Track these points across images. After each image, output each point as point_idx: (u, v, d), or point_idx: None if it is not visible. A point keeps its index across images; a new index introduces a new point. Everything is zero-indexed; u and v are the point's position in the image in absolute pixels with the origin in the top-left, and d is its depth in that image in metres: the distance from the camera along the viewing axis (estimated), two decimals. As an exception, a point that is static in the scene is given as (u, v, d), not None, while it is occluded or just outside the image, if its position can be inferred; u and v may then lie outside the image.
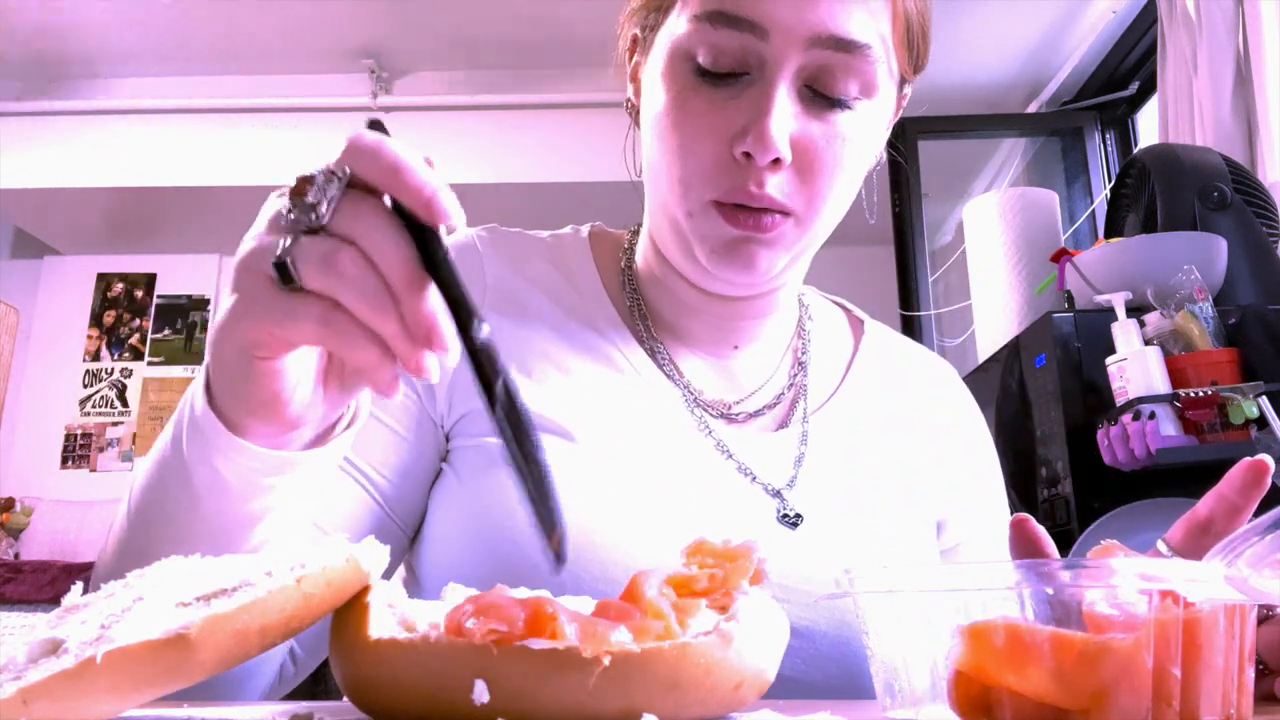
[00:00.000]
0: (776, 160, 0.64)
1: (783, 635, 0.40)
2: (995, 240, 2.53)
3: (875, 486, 0.76)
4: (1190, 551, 0.51)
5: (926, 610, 0.39)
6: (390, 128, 0.43)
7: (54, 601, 0.68)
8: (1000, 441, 0.90)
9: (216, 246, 4.62)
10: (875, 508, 0.75)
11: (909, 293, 3.25)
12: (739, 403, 0.77)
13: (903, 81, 0.73)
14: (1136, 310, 1.86)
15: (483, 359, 0.40)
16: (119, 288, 4.68)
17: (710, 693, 0.35)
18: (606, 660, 0.32)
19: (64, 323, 4.58)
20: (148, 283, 4.69)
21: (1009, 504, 0.88)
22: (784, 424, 0.77)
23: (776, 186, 0.65)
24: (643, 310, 0.78)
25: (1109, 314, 1.87)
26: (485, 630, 0.34)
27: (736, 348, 0.79)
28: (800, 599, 0.66)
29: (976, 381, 2.10)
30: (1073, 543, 1.79)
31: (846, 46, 0.64)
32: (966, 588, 0.38)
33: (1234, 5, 2.41)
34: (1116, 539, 0.47)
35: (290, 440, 0.49)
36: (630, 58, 0.76)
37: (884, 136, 0.73)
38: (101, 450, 4.45)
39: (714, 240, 0.68)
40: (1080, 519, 1.85)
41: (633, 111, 0.77)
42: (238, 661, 0.33)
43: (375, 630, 0.36)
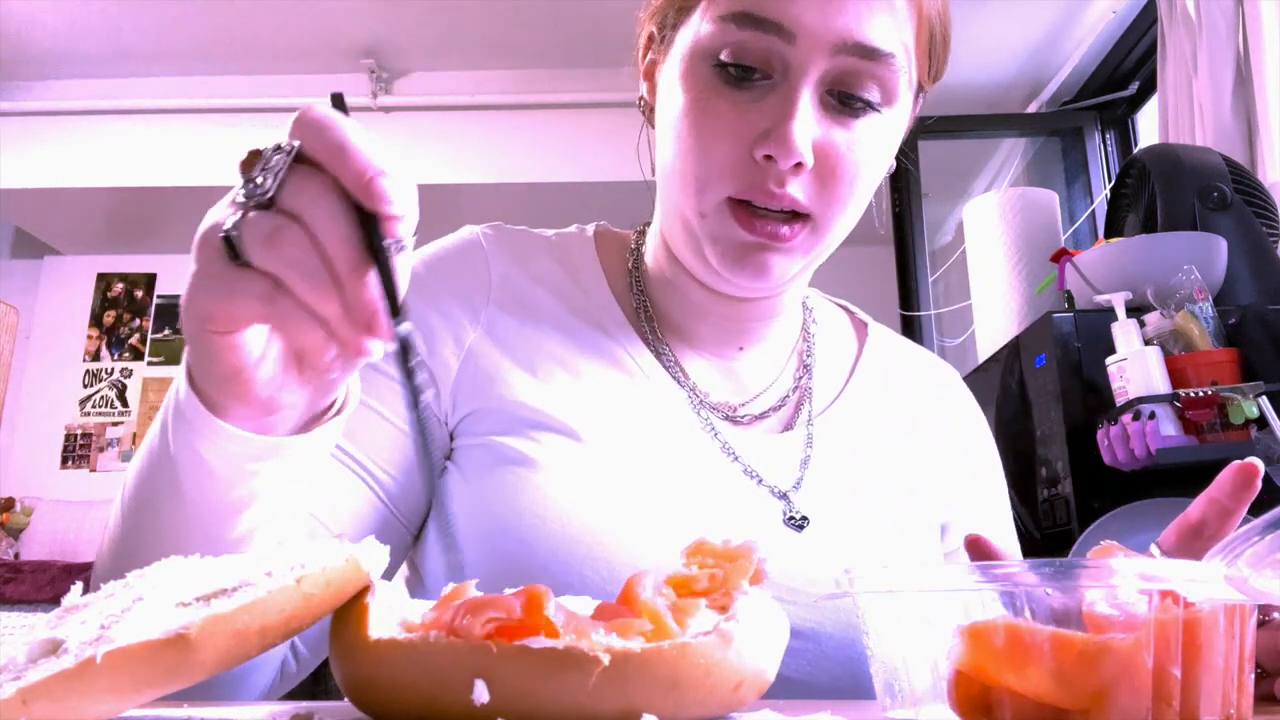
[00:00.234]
0: (798, 164, 0.64)
1: (783, 635, 0.40)
2: (995, 240, 2.53)
3: (880, 489, 0.76)
4: (1183, 555, 0.51)
5: (926, 610, 0.39)
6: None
7: (54, 601, 0.68)
8: (1000, 441, 0.90)
9: (216, 246, 4.61)
10: (880, 510, 0.75)
11: (909, 293, 3.25)
12: (744, 405, 0.77)
13: (919, 89, 0.72)
14: (1136, 310, 1.86)
15: (403, 351, 0.41)
16: (119, 288, 4.68)
17: (710, 693, 0.35)
18: (606, 660, 0.32)
19: (64, 323, 4.58)
20: (148, 283, 4.69)
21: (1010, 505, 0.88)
22: (789, 426, 0.77)
23: (797, 189, 0.65)
24: (649, 311, 0.77)
25: (1109, 314, 1.87)
26: (484, 621, 0.34)
27: (742, 349, 0.79)
28: (806, 601, 0.66)
29: (976, 381, 2.10)
30: (1073, 543, 1.79)
31: (871, 54, 0.64)
32: (966, 588, 0.38)
33: (1234, 5, 2.41)
34: (1116, 539, 0.47)
35: (273, 424, 0.48)
36: (645, 55, 0.76)
37: (899, 143, 0.73)
38: (101, 450, 4.45)
39: (726, 243, 0.68)
40: (1080, 519, 1.85)
41: (647, 110, 0.77)
42: (238, 662, 0.33)
43: (375, 630, 0.36)
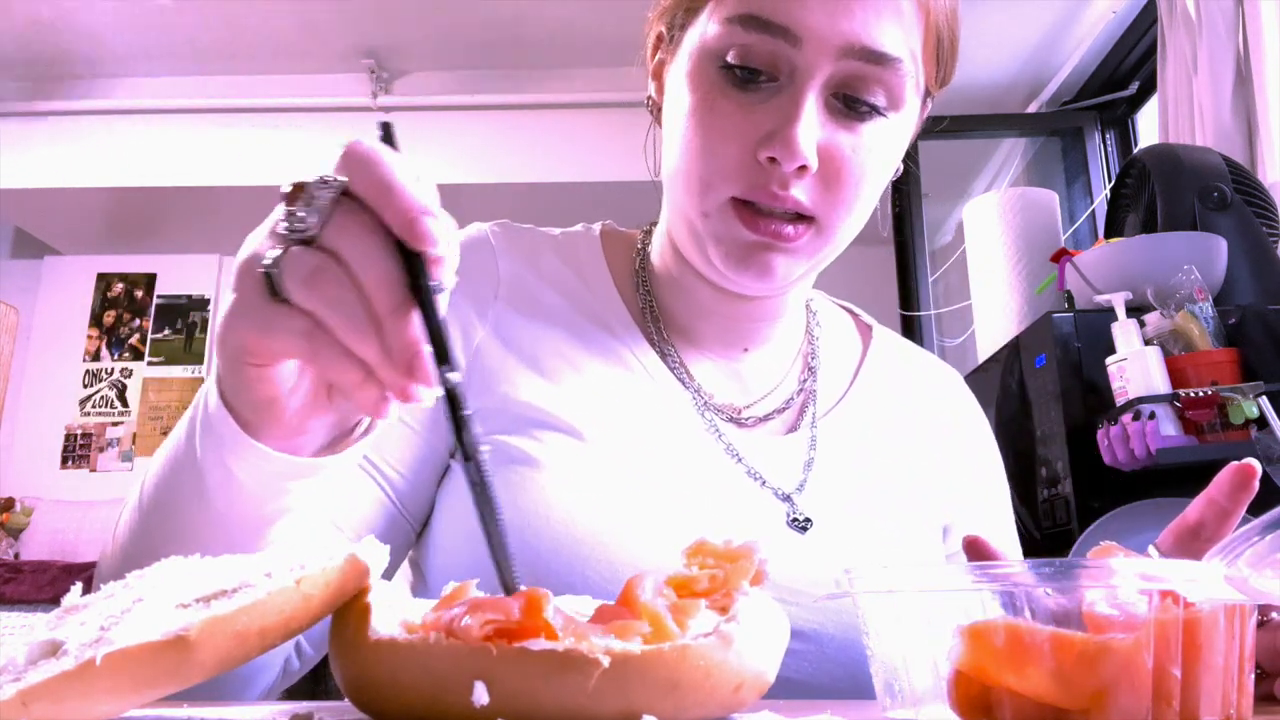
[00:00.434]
0: (802, 167, 0.64)
1: (783, 636, 0.40)
2: (995, 240, 2.53)
3: (883, 491, 0.76)
4: (1181, 556, 0.51)
5: (926, 610, 0.39)
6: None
7: (54, 602, 0.68)
8: (1000, 441, 0.90)
9: (216, 246, 4.62)
10: (883, 512, 0.75)
11: (909, 293, 3.25)
12: (749, 407, 0.77)
13: (927, 94, 0.72)
14: (1136, 310, 1.86)
15: (450, 402, 0.39)
16: (119, 288, 4.68)
17: (710, 694, 0.35)
18: (606, 662, 0.32)
19: (64, 323, 4.58)
20: (148, 283, 4.69)
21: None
22: (793, 428, 0.77)
23: (801, 191, 0.65)
24: (655, 311, 0.77)
25: (1109, 314, 1.86)
26: (483, 623, 0.34)
27: (747, 350, 0.79)
28: (808, 603, 0.66)
29: (976, 381, 2.10)
30: (1073, 543, 1.79)
31: (877, 59, 0.64)
32: (966, 588, 0.38)
33: (1234, 5, 2.41)
34: (1116, 539, 0.47)
35: (301, 445, 0.48)
36: (653, 55, 0.76)
37: (904, 148, 0.73)
38: (101, 450, 4.45)
39: (730, 243, 0.68)
40: (1080, 519, 1.85)
41: (654, 110, 0.77)
42: (237, 663, 0.33)
43: (375, 630, 0.36)
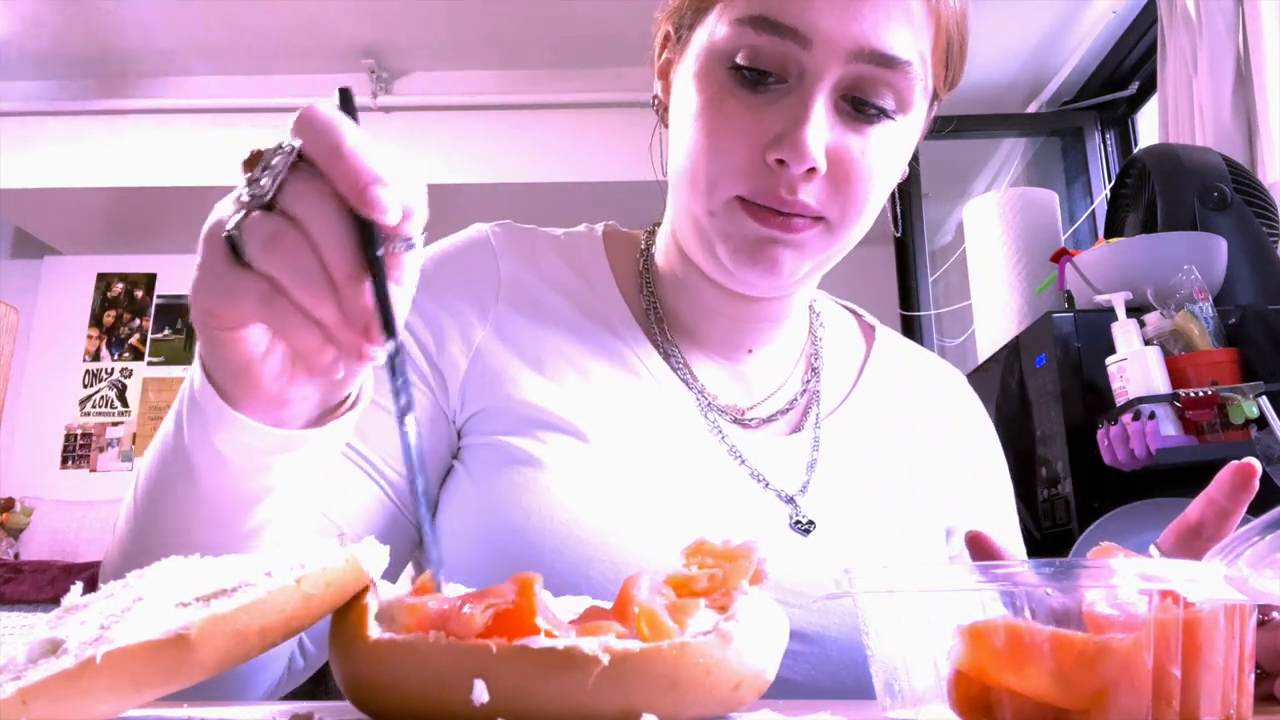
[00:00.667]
0: (811, 170, 0.64)
1: (782, 636, 0.40)
2: (995, 240, 2.53)
3: (886, 492, 0.76)
4: (1182, 556, 0.51)
5: (926, 610, 0.39)
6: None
7: (54, 601, 0.68)
8: (1000, 441, 0.90)
9: (216, 246, 4.61)
10: (887, 514, 0.75)
11: (909, 293, 3.25)
12: (752, 408, 0.77)
13: (934, 97, 0.72)
14: (1136, 310, 1.86)
15: (390, 369, 0.41)
16: (119, 288, 4.68)
17: (709, 693, 0.35)
18: (605, 660, 0.32)
19: (64, 323, 4.59)
20: (148, 283, 4.69)
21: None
22: (797, 429, 0.77)
23: (809, 194, 0.65)
24: (659, 313, 0.77)
25: (1109, 314, 1.87)
26: (484, 608, 0.34)
27: (750, 351, 0.79)
28: (812, 605, 0.66)
29: (976, 381, 2.09)
30: (1073, 543, 1.80)
31: (887, 62, 0.64)
32: (966, 588, 0.38)
33: (1234, 5, 2.41)
34: (1116, 539, 0.47)
35: (286, 418, 0.48)
36: (660, 55, 0.76)
37: (912, 151, 0.73)
38: (101, 450, 4.46)
39: (737, 239, 0.67)
40: (1080, 519, 1.85)
41: (660, 109, 0.77)
42: (237, 662, 0.33)
43: (375, 630, 0.36)
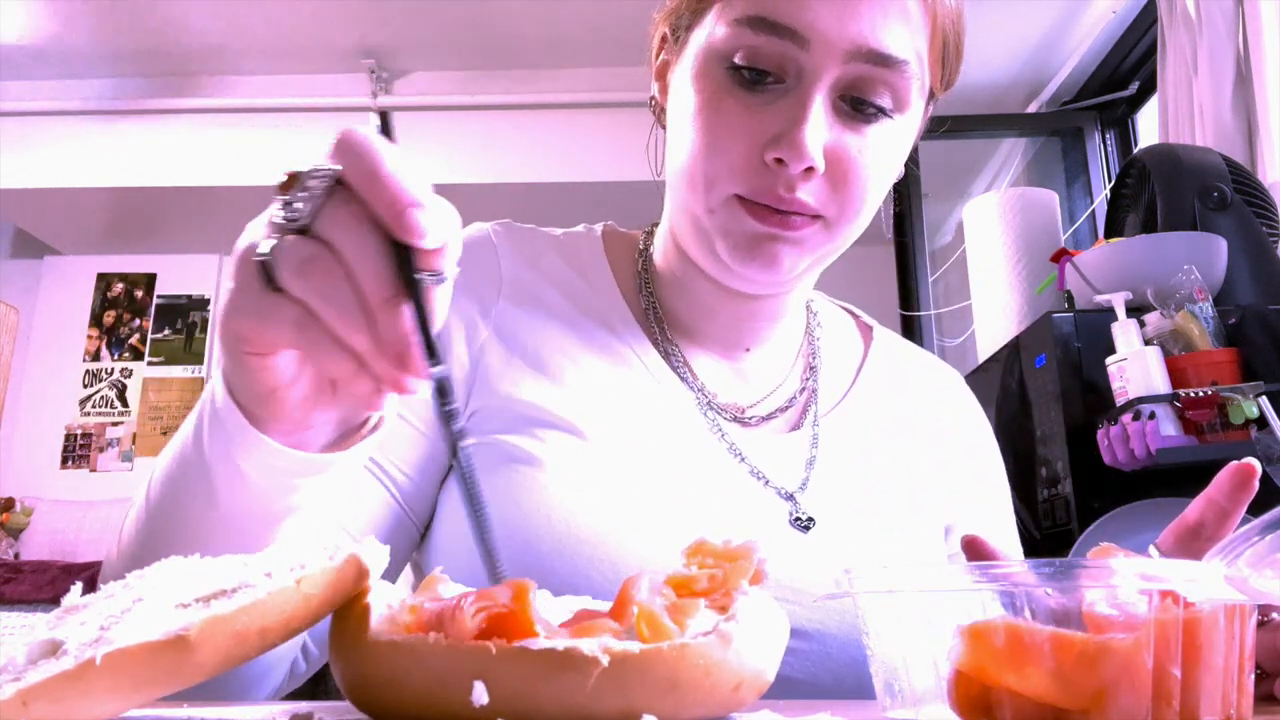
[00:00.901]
0: (809, 169, 0.64)
1: (782, 636, 0.40)
2: (995, 240, 2.53)
3: (885, 490, 0.76)
4: (1181, 556, 0.51)
5: (926, 610, 0.39)
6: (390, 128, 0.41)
7: (54, 601, 0.67)
8: (1000, 441, 0.90)
9: (216, 246, 4.62)
10: (885, 512, 0.75)
11: (909, 293, 3.25)
12: (752, 406, 0.77)
13: (931, 96, 0.73)
14: (1136, 310, 1.86)
15: (440, 395, 0.40)
16: (119, 288, 4.68)
17: (709, 693, 0.35)
18: (605, 661, 0.32)
19: (64, 323, 4.58)
20: (148, 283, 4.69)
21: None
22: (796, 427, 0.78)
23: (808, 192, 0.65)
24: (658, 312, 0.77)
25: (1109, 314, 1.87)
26: (475, 611, 0.34)
27: (748, 349, 0.79)
28: (811, 603, 0.66)
29: (976, 381, 2.10)
30: (1073, 543, 1.80)
31: (885, 61, 0.64)
32: (966, 588, 0.38)
33: (1234, 5, 2.41)
34: (1116, 539, 0.47)
35: (306, 440, 0.48)
36: (657, 55, 0.76)
37: (909, 150, 0.73)
38: (101, 450, 4.45)
39: (737, 235, 0.67)
40: (1080, 519, 1.85)
41: (657, 110, 0.77)
42: (237, 663, 0.33)
43: (375, 630, 0.36)
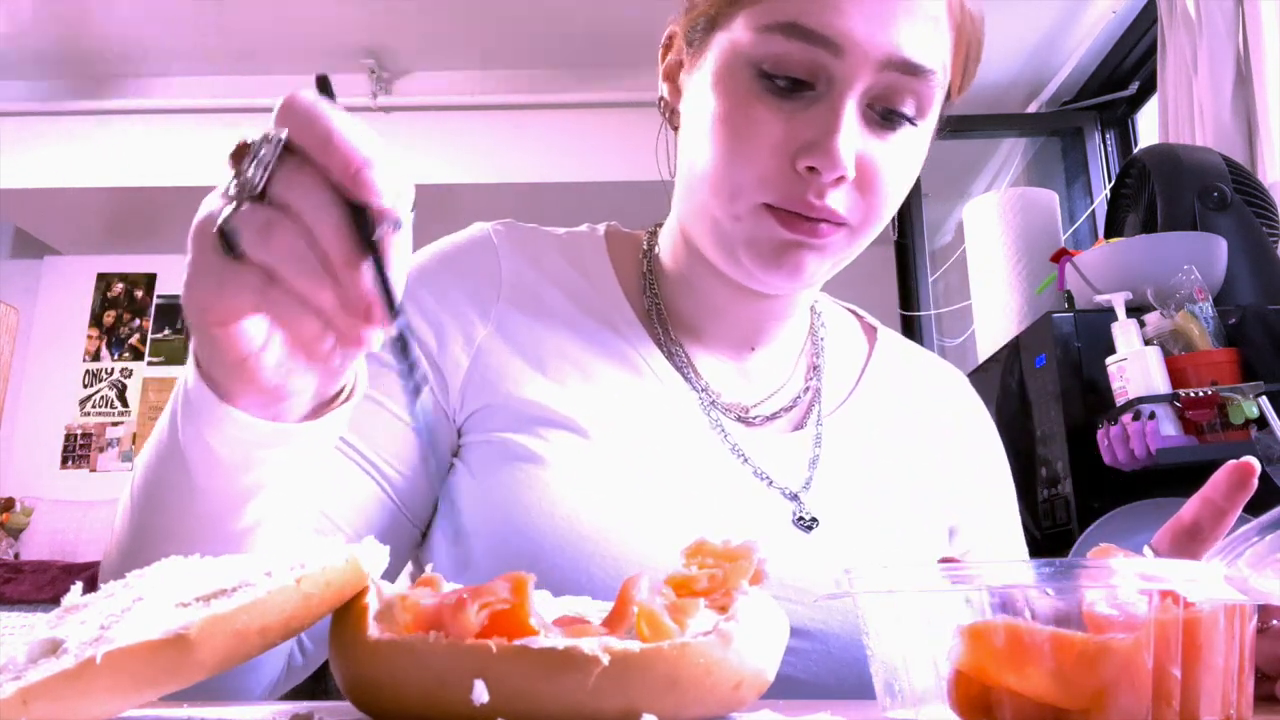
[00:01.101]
0: (840, 177, 0.64)
1: (782, 635, 0.40)
2: (995, 240, 2.53)
3: (889, 490, 0.76)
4: (1177, 557, 0.51)
5: (926, 610, 0.39)
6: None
7: (54, 601, 0.67)
8: (1000, 441, 0.90)
9: (216, 246, 4.61)
10: (889, 511, 0.75)
11: (909, 293, 3.25)
12: (756, 405, 0.77)
13: (945, 100, 0.73)
14: (1136, 310, 1.86)
15: (401, 346, 0.41)
16: (119, 288, 4.68)
17: (710, 692, 0.35)
18: (605, 660, 0.32)
19: (64, 323, 4.58)
20: (148, 283, 4.69)
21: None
22: (799, 426, 0.78)
23: (836, 200, 0.66)
24: (662, 312, 0.77)
25: (1109, 314, 1.87)
26: (479, 607, 0.34)
27: (754, 349, 0.79)
28: (815, 602, 0.66)
29: (977, 381, 2.10)
30: (1073, 543, 1.80)
31: (914, 71, 0.65)
32: (967, 588, 0.38)
33: (1234, 5, 2.41)
34: (1116, 539, 0.47)
35: (282, 412, 0.48)
36: (665, 57, 0.76)
37: (926, 153, 0.73)
38: (101, 450, 4.45)
39: (763, 242, 0.67)
40: (1080, 519, 1.85)
41: (667, 111, 0.77)
42: (237, 662, 0.33)
43: (375, 630, 0.36)
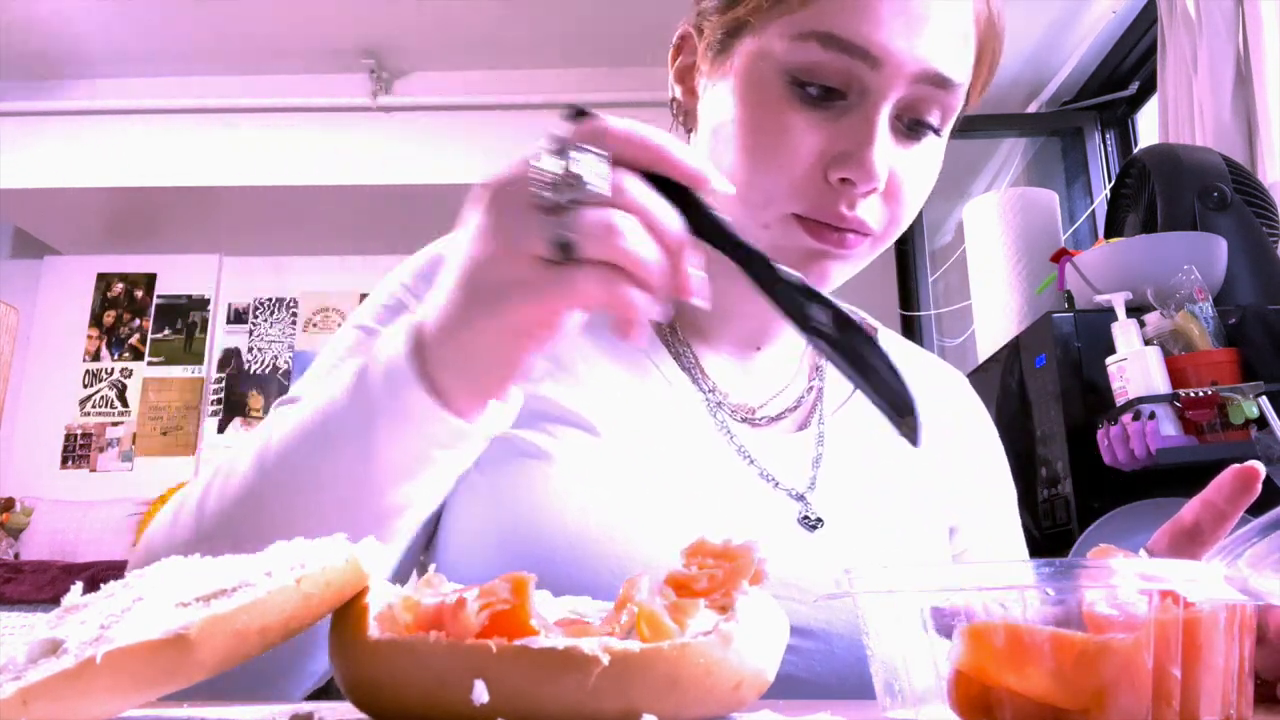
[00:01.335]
0: (872, 188, 0.65)
1: (783, 635, 0.40)
2: (995, 240, 2.53)
3: (891, 490, 0.76)
4: (1176, 558, 0.51)
5: (926, 610, 0.39)
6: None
7: (54, 602, 0.67)
8: (1000, 441, 0.90)
9: (216, 246, 4.62)
10: (892, 511, 0.75)
11: (909, 293, 3.25)
12: (762, 406, 0.77)
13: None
14: (1136, 310, 1.86)
15: (798, 294, 0.47)
16: (119, 288, 4.68)
17: (709, 692, 0.35)
18: (605, 660, 0.32)
19: (64, 323, 4.58)
20: (148, 283, 4.69)
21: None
22: (803, 426, 0.78)
23: (865, 211, 0.66)
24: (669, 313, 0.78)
25: (1109, 314, 1.86)
26: (480, 608, 0.34)
27: (759, 349, 0.79)
28: (819, 602, 0.66)
29: (977, 381, 2.10)
30: (1073, 543, 1.80)
31: (945, 84, 0.65)
32: (966, 588, 0.38)
33: (1234, 5, 2.41)
34: (1116, 539, 0.47)
35: (480, 412, 0.52)
36: (675, 57, 0.75)
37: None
38: (101, 450, 4.45)
39: (790, 252, 0.68)
40: (1080, 519, 1.85)
41: (680, 112, 0.77)
42: (237, 662, 0.33)
43: (375, 630, 0.36)
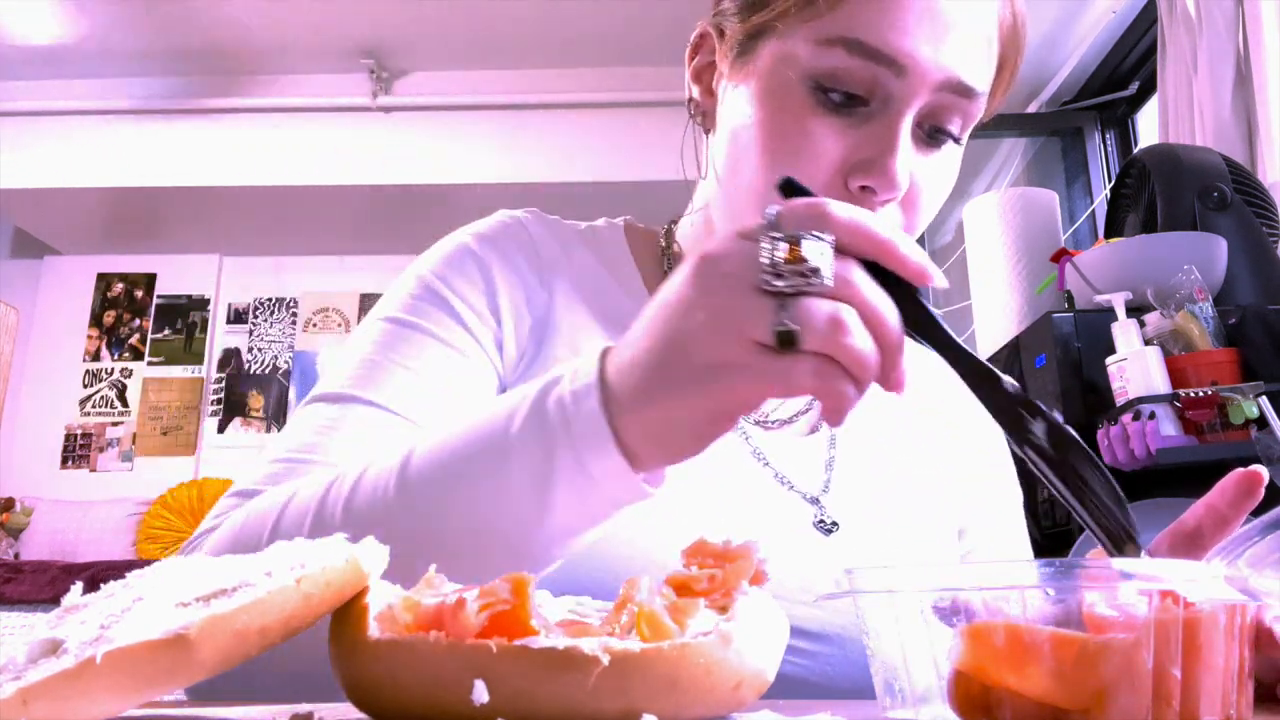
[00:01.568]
0: (892, 196, 0.65)
1: (783, 636, 0.40)
2: (995, 240, 2.53)
3: (902, 492, 0.77)
4: None
5: (926, 610, 0.39)
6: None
7: (54, 602, 0.67)
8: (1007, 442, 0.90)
9: (216, 246, 4.63)
10: (903, 512, 0.75)
11: (909, 293, 3.24)
12: (774, 410, 0.77)
13: None
14: (1136, 310, 1.86)
15: (1017, 405, 0.45)
16: (119, 288, 4.69)
17: (709, 692, 0.35)
18: (605, 660, 0.32)
19: (64, 323, 4.59)
20: (148, 283, 4.70)
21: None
22: (815, 429, 0.78)
23: (885, 216, 0.66)
24: None
25: (1109, 314, 1.86)
26: (480, 608, 0.34)
27: None
28: (832, 605, 0.66)
29: (976, 381, 2.10)
30: (1073, 543, 1.80)
31: (968, 92, 0.65)
32: (966, 588, 0.38)
33: (1234, 5, 2.41)
34: (1116, 539, 0.47)
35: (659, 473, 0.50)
36: (693, 56, 0.75)
37: None
38: (101, 450, 4.46)
39: None
40: (1080, 519, 1.85)
41: (697, 113, 0.76)
42: (237, 661, 0.33)
43: (375, 630, 0.36)
